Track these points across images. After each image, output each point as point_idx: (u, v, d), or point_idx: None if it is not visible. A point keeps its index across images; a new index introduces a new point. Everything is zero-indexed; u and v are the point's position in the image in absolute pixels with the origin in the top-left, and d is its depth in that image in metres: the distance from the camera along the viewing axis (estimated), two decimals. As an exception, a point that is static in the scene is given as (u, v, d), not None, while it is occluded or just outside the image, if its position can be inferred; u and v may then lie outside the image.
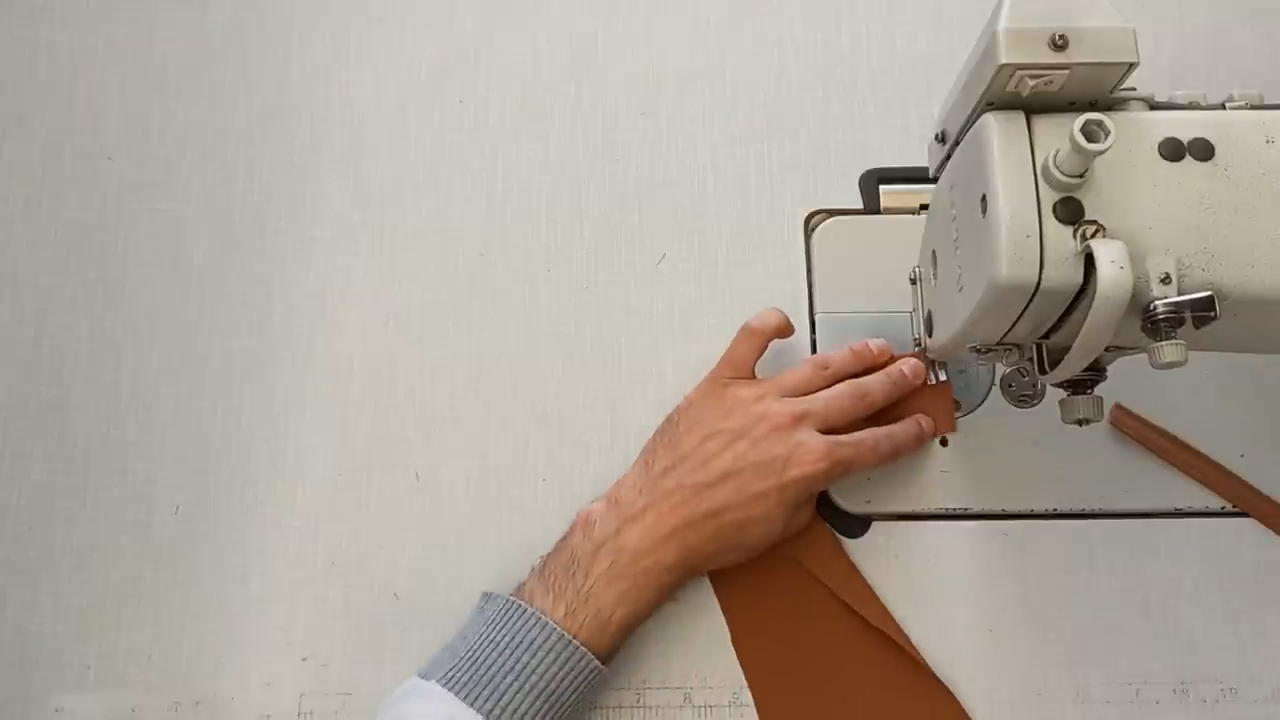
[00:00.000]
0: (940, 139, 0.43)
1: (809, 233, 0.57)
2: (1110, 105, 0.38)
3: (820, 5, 0.61)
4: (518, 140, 0.59)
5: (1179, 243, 0.36)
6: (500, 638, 0.45)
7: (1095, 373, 0.43)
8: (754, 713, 0.49)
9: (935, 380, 0.52)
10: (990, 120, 0.37)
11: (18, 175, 0.58)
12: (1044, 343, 0.41)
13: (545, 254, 0.57)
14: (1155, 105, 0.39)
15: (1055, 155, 0.36)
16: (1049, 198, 0.36)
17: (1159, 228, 0.36)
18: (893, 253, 0.53)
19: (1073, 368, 0.39)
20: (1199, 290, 0.35)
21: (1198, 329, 0.35)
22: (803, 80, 0.60)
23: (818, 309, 0.56)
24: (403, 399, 0.55)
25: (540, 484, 0.53)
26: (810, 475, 0.47)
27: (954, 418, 0.53)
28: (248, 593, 0.52)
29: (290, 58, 0.61)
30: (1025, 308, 0.37)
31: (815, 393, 0.50)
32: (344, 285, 0.57)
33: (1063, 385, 0.43)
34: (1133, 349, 0.41)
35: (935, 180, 0.45)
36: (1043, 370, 0.42)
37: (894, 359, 0.52)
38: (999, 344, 0.42)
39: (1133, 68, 0.36)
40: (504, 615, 0.45)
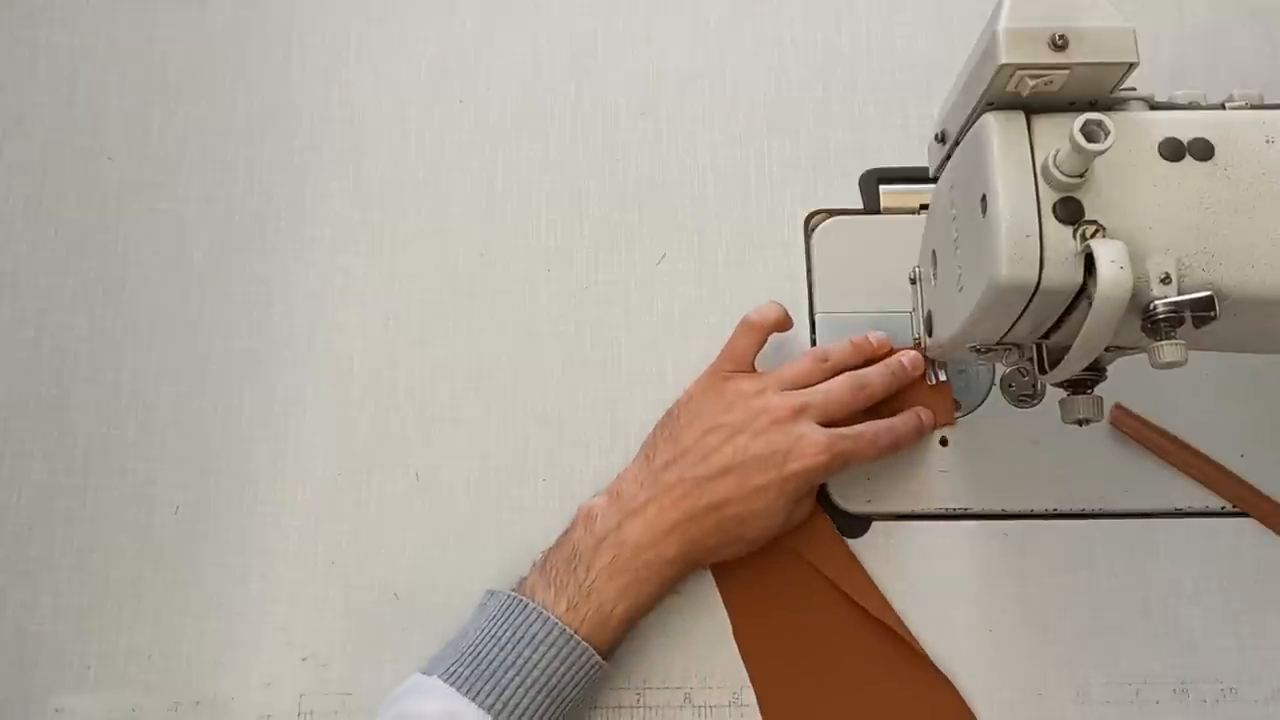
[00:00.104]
0: (940, 139, 0.43)
1: (809, 233, 0.57)
2: (1110, 105, 0.38)
3: (820, 5, 0.61)
4: (518, 140, 0.59)
5: (1179, 243, 0.36)
6: (502, 633, 0.45)
7: (1095, 373, 0.43)
8: (754, 713, 0.49)
9: (935, 380, 0.52)
10: (990, 120, 0.37)
11: (18, 175, 0.58)
12: (1044, 343, 0.41)
13: (545, 254, 0.57)
14: (1155, 105, 0.39)
15: (1055, 155, 0.36)
16: (1049, 198, 0.36)
17: (1159, 228, 0.36)
18: (893, 253, 0.53)
19: (1073, 368, 0.39)
20: (1199, 290, 0.35)
21: (1198, 329, 0.35)
22: (803, 80, 0.60)
23: (818, 309, 0.56)
24: (403, 399, 0.55)
25: (540, 484, 0.53)
26: (811, 468, 0.47)
27: (954, 415, 0.53)
28: (248, 593, 0.52)
29: (290, 58, 0.61)
30: (1025, 308, 0.37)
31: (815, 385, 0.50)
32: (344, 285, 0.57)
33: (1063, 385, 0.43)
34: (1133, 349, 0.41)
35: (935, 180, 0.45)
36: (1043, 370, 0.42)
37: (893, 352, 0.52)
38: (999, 344, 0.42)
39: (1133, 68, 0.36)
40: (505, 610, 0.46)
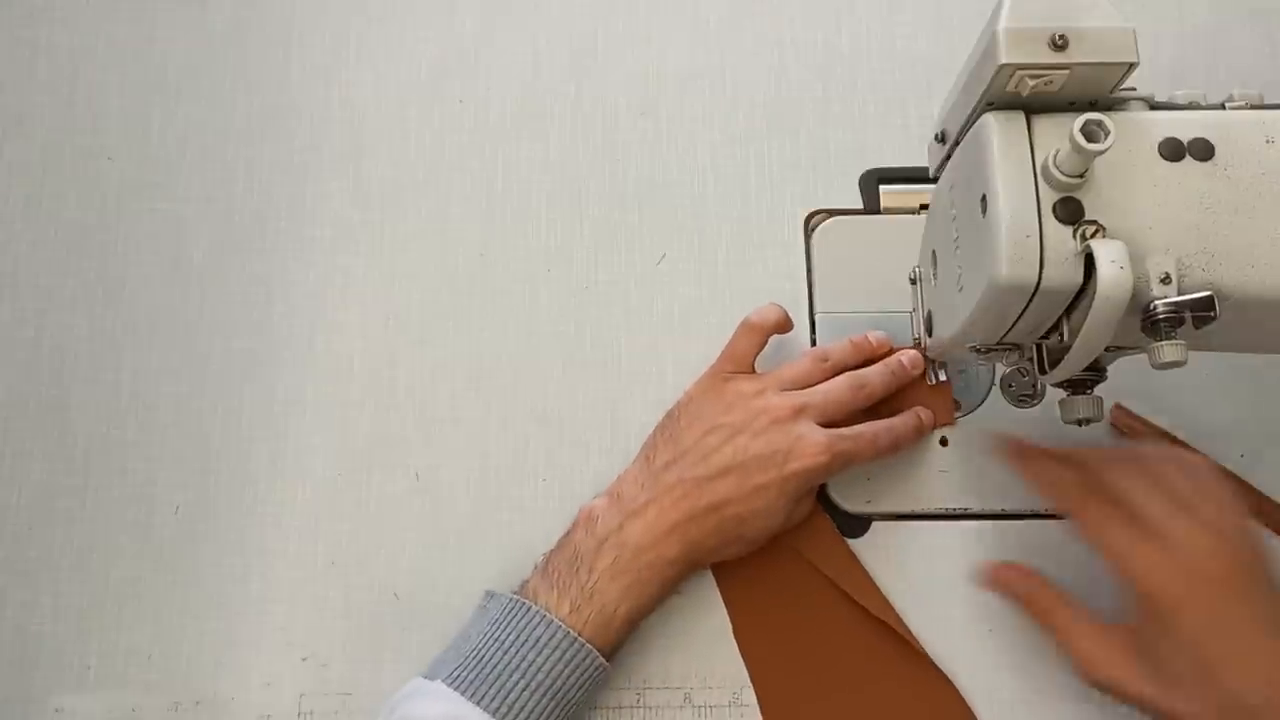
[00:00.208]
0: (940, 139, 0.43)
1: (809, 233, 0.57)
2: (1110, 105, 0.38)
3: (820, 5, 0.61)
4: (518, 140, 0.59)
5: (1179, 243, 0.36)
6: (505, 636, 0.45)
7: (1095, 373, 0.43)
8: (754, 713, 0.49)
9: (935, 380, 0.52)
10: (990, 120, 0.37)
11: (18, 175, 0.58)
12: (1044, 343, 0.41)
13: (545, 254, 0.57)
14: (1155, 105, 0.39)
15: (1055, 155, 0.36)
16: (1049, 198, 0.36)
17: (1159, 228, 0.36)
18: (893, 253, 0.53)
19: (1073, 368, 0.39)
20: (1199, 290, 0.35)
21: (1198, 329, 0.35)
22: (803, 80, 0.60)
23: (818, 309, 0.56)
24: (403, 399, 0.55)
25: (540, 484, 0.53)
26: (811, 468, 0.47)
27: (954, 415, 0.53)
28: (248, 593, 0.52)
29: (290, 58, 0.61)
30: (1025, 308, 0.37)
31: (815, 386, 0.50)
32: (344, 285, 0.57)
33: (1063, 385, 0.43)
34: (1133, 349, 0.41)
35: (935, 180, 0.45)
36: (1043, 370, 0.42)
37: (893, 351, 0.52)
38: (999, 344, 0.42)
39: (1133, 68, 0.36)
40: (508, 613, 0.45)
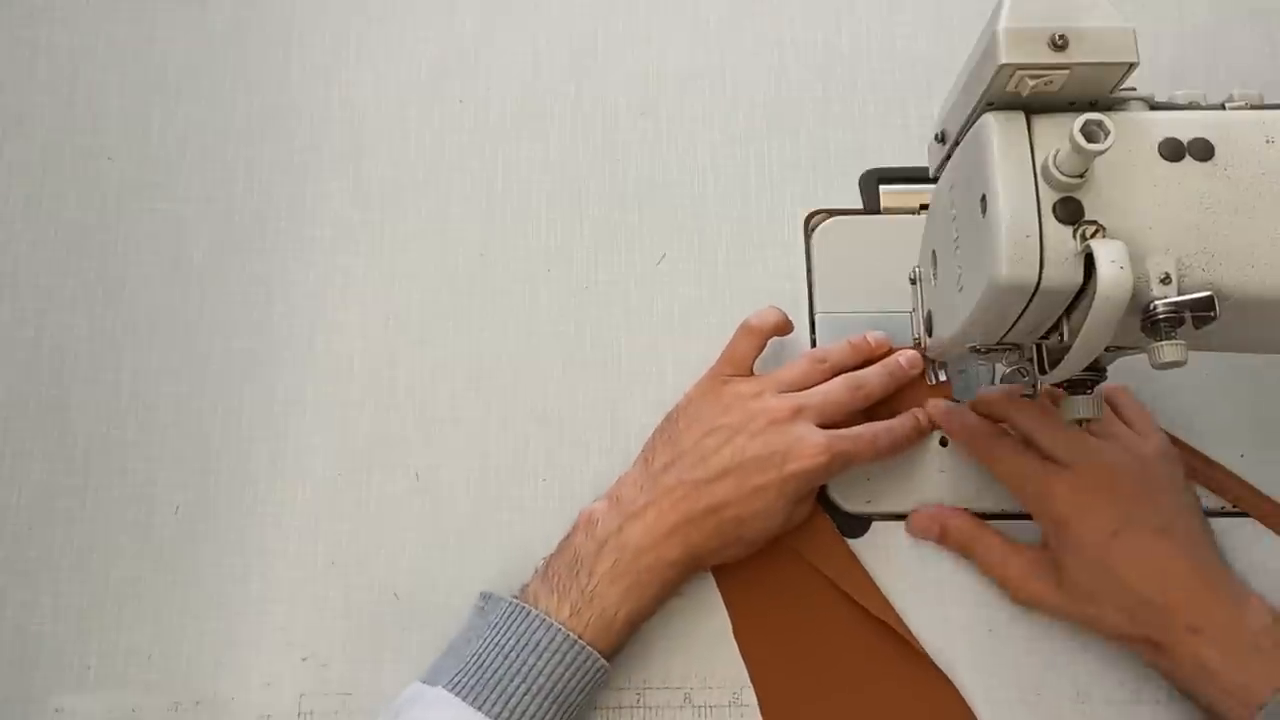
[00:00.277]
0: (940, 139, 0.43)
1: (809, 233, 0.57)
2: (1110, 105, 0.38)
3: (820, 5, 0.61)
4: (518, 140, 0.59)
5: (1179, 243, 0.36)
6: (506, 641, 0.45)
7: (1095, 373, 0.42)
8: (754, 713, 0.49)
9: (935, 380, 0.52)
10: (990, 120, 0.37)
11: (18, 175, 0.58)
12: (1044, 343, 0.41)
13: (545, 254, 0.57)
14: (1155, 105, 0.39)
15: (1055, 155, 0.36)
16: (1049, 198, 0.36)
17: (1159, 228, 0.36)
18: (893, 253, 0.53)
19: (1073, 368, 0.39)
20: (1199, 290, 0.35)
21: (1198, 329, 0.35)
22: (803, 80, 0.60)
23: (818, 309, 0.56)
24: (403, 399, 0.55)
25: (540, 484, 0.53)
26: (810, 469, 0.47)
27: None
28: (248, 593, 0.52)
29: (290, 58, 0.61)
30: (1025, 308, 0.37)
31: (813, 387, 0.50)
32: (344, 285, 0.57)
33: (1063, 385, 0.43)
34: (1133, 349, 0.41)
35: (935, 180, 0.45)
36: (1043, 370, 0.42)
37: (892, 352, 0.52)
38: (999, 344, 0.42)
39: (1133, 68, 0.36)
40: (509, 618, 0.45)
